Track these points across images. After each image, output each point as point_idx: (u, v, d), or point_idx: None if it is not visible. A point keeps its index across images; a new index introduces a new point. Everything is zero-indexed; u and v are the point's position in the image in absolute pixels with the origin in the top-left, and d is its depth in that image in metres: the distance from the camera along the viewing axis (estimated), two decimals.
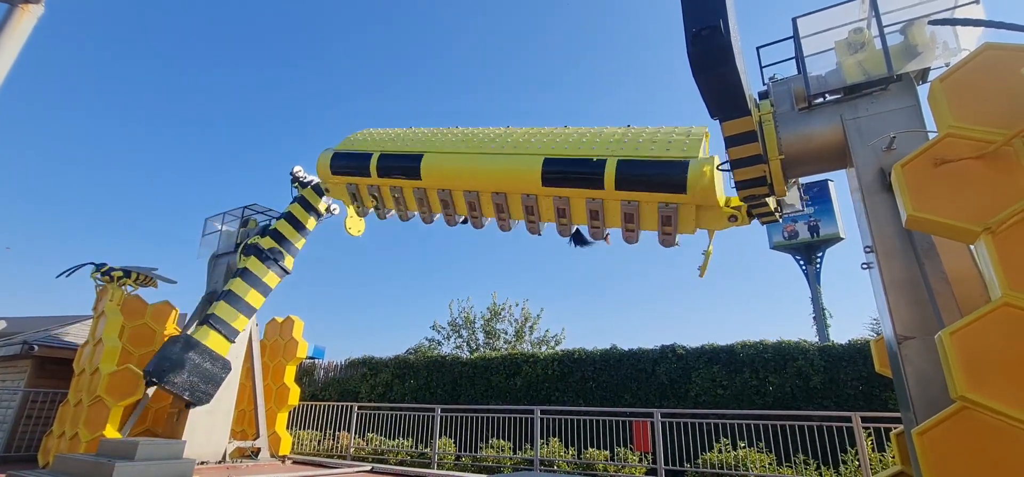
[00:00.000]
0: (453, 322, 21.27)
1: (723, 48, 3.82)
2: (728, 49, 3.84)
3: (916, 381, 4.06)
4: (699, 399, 11.56)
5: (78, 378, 9.96)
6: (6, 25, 4.07)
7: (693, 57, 3.92)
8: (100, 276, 11.03)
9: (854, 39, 5.21)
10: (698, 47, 3.84)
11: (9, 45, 4.02)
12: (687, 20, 3.86)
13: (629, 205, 6.56)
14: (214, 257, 11.92)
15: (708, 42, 3.79)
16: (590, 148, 6.88)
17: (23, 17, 4.18)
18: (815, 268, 27.86)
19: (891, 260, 4.46)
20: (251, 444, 11.01)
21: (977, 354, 3.15)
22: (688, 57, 3.95)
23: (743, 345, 11.71)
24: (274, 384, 12.28)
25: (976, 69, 3.73)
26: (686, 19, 3.87)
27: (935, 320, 3.91)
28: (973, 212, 3.42)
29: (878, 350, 5.77)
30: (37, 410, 11.79)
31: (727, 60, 3.89)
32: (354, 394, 15.71)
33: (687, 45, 3.90)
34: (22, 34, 4.13)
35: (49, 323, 14.73)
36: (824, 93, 5.29)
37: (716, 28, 3.74)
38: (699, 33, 3.77)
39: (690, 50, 3.89)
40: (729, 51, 3.85)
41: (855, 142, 4.89)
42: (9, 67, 4.04)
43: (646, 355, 12.56)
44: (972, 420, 3.11)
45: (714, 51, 3.85)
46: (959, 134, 3.62)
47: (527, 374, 13.71)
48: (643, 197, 6.48)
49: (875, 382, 10.12)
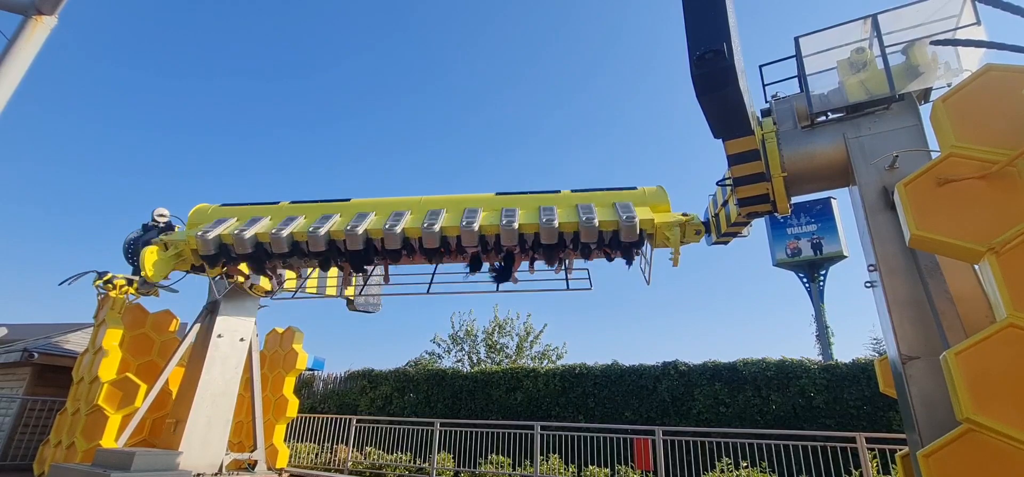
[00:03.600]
0: (454, 335, 21.19)
1: (726, 70, 3.86)
2: (731, 71, 3.87)
3: (921, 402, 4.02)
4: (701, 417, 11.44)
5: (77, 386, 9.92)
6: (20, 35, 4.14)
7: (697, 79, 3.96)
8: (102, 284, 11.03)
9: (856, 58, 5.26)
10: (702, 70, 3.88)
11: (22, 54, 4.09)
12: (691, 42, 3.91)
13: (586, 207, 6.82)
14: None
15: (712, 65, 3.83)
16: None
17: (36, 28, 4.25)
18: (818, 286, 27.72)
19: (895, 279, 4.45)
20: (248, 456, 10.90)
21: (983, 375, 3.12)
22: (692, 79, 3.98)
23: (745, 363, 11.62)
24: (273, 395, 12.21)
25: (978, 90, 3.75)
26: (690, 41, 3.91)
27: (940, 340, 3.89)
28: (977, 232, 3.42)
29: (882, 370, 5.73)
30: (35, 418, 11.72)
31: (730, 82, 3.93)
32: (353, 407, 15.60)
33: (691, 67, 3.94)
34: (35, 44, 4.20)
35: (50, 330, 14.71)
36: (826, 111, 5.32)
37: (719, 51, 3.78)
38: (703, 56, 3.81)
39: (694, 72, 3.93)
40: (732, 73, 3.89)
41: (858, 160, 4.91)
42: (22, 75, 4.10)
43: (648, 371, 12.47)
44: (978, 443, 3.07)
45: (718, 74, 3.89)
46: (962, 154, 3.63)
47: (528, 389, 13.61)
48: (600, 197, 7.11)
49: (879, 402, 10.02)
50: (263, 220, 7.79)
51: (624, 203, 6.75)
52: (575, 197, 7.12)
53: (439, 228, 6.75)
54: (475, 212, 6.95)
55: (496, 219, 6.78)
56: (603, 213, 6.55)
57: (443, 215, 7.05)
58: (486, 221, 6.80)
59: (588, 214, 6.47)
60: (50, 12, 4.41)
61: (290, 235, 7.26)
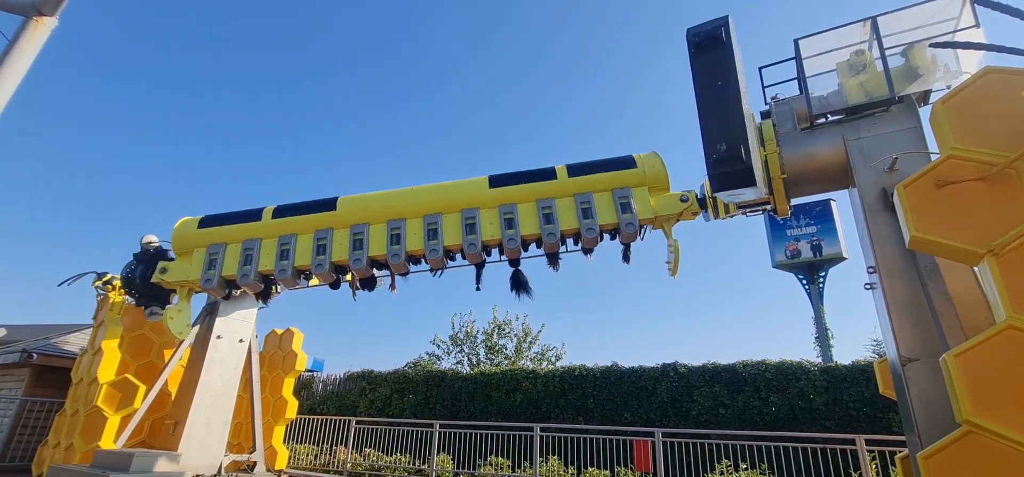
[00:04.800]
0: (454, 336, 21.17)
1: (745, 173, 3.86)
2: (749, 173, 3.86)
3: (921, 404, 4.02)
4: (701, 418, 11.43)
5: (76, 387, 9.90)
6: (21, 36, 4.14)
7: (714, 178, 3.97)
8: (102, 285, 11.02)
9: (855, 60, 5.27)
10: (719, 170, 3.89)
11: (23, 55, 4.09)
12: (707, 142, 3.90)
13: (584, 197, 6.61)
14: None
15: (729, 166, 3.84)
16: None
17: (37, 29, 4.25)
18: (818, 288, 27.73)
19: (894, 281, 4.45)
20: (247, 458, 10.88)
21: (982, 377, 3.12)
22: (709, 174, 4.00)
23: (745, 364, 11.61)
24: (272, 397, 12.19)
25: (978, 92, 3.76)
26: (706, 141, 3.91)
27: (939, 342, 3.89)
28: (976, 234, 3.42)
29: (882, 371, 5.73)
30: (33, 420, 11.70)
31: (748, 182, 3.90)
32: (352, 408, 15.58)
33: (707, 165, 3.95)
34: (36, 45, 4.20)
35: (49, 331, 14.68)
36: (826, 113, 5.33)
37: (737, 155, 3.79)
38: (721, 158, 3.82)
39: (711, 172, 3.93)
40: (750, 175, 3.87)
41: (857, 162, 4.92)
42: (23, 76, 4.10)
43: (647, 373, 12.47)
44: (978, 445, 3.07)
45: (736, 175, 3.90)
46: (961, 156, 3.64)
47: (527, 390, 13.60)
48: (597, 182, 6.70)
49: (879, 404, 10.02)
50: (259, 246, 7.68)
51: (623, 194, 6.51)
52: (572, 185, 6.78)
53: (442, 248, 6.83)
54: (476, 223, 6.83)
55: (498, 230, 6.75)
56: (604, 214, 6.50)
57: (442, 226, 6.95)
58: (488, 235, 6.78)
59: (589, 217, 6.46)
60: (51, 13, 4.41)
61: (294, 269, 7.38)
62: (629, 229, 6.33)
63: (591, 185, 6.73)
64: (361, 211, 7.46)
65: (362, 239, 7.16)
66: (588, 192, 6.69)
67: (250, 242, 7.79)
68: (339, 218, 7.51)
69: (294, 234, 7.61)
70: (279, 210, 7.92)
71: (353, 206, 7.53)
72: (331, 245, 7.26)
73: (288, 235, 7.63)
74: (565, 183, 6.80)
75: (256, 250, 7.66)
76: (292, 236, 7.59)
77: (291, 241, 7.53)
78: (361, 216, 7.42)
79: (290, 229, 7.67)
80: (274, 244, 7.64)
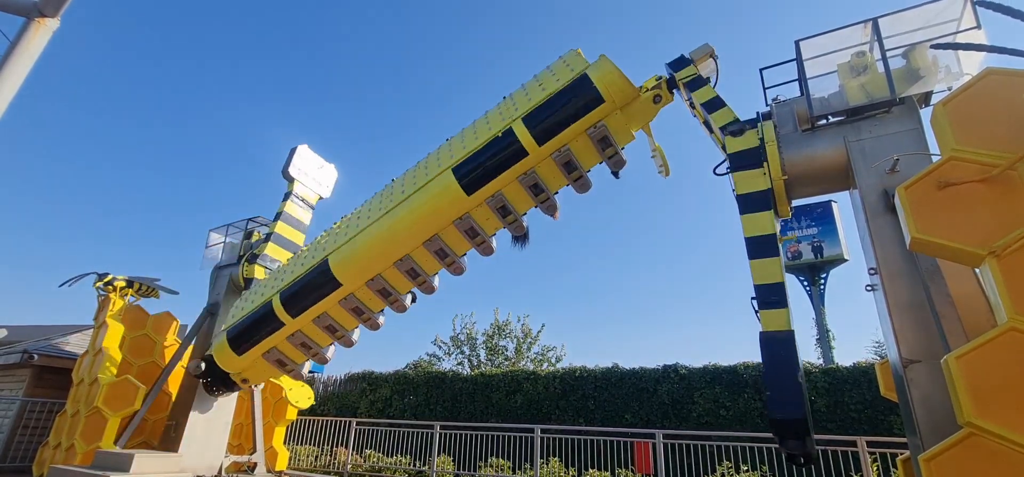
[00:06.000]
0: (455, 338, 21.17)
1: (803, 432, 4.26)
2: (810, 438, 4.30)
3: (922, 406, 4.02)
4: (701, 420, 11.42)
5: (76, 388, 9.91)
6: (22, 37, 4.16)
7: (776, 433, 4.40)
8: (103, 286, 11.04)
9: (857, 62, 5.27)
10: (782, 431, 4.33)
11: (25, 56, 4.10)
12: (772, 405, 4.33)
13: (561, 152, 6.27)
14: (217, 269, 11.93)
15: (792, 428, 4.25)
16: (490, 129, 6.49)
17: (38, 30, 4.27)
18: (819, 289, 27.69)
19: (895, 282, 4.45)
20: (247, 459, 10.89)
21: (984, 379, 3.12)
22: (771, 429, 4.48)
23: (746, 366, 11.60)
24: (272, 398, 12.20)
25: (979, 93, 3.76)
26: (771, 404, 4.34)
27: (941, 344, 3.88)
28: (978, 235, 3.42)
29: (883, 373, 5.72)
30: (34, 420, 11.70)
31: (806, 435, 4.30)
32: (353, 409, 15.58)
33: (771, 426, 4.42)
34: (38, 46, 4.22)
35: (50, 332, 14.69)
36: (827, 115, 5.33)
37: (801, 420, 4.20)
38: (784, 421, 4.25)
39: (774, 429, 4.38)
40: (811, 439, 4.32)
41: (858, 163, 4.91)
42: (24, 77, 4.12)
43: (648, 374, 12.46)
44: (980, 447, 3.06)
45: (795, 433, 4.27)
46: (962, 157, 3.63)
47: (528, 392, 13.59)
48: (570, 134, 6.16)
49: (880, 406, 10.00)
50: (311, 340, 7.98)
51: (599, 130, 6.09)
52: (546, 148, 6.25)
53: (456, 256, 7.20)
54: (475, 224, 6.87)
55: (498, 221, 6.87)
56: (587, 159, 6.41)
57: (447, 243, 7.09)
58: (491, 230, 7.03)
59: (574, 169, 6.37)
60: (52, 14, 4.42)
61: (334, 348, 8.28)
62: (616, 164, 6.37)
63: (563, 139, 6.24)
64: (361, 270, 7.20)
65: (386, 289, 7.34)
66: (565, 145, 6.28)
67: (300, 336, 7.96)
68: (348, 288, 7.37)
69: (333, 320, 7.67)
70: (286, 302, 7.63)
71: (353, 268, 7.20)
72: (365, 304, 7.54)
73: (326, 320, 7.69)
74: (539, 152, 6.28)
75: (310, 339, 7.99)
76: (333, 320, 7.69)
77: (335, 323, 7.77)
78: (367, 272, 7.18)
79: (314, 315, 7.66)
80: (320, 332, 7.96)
